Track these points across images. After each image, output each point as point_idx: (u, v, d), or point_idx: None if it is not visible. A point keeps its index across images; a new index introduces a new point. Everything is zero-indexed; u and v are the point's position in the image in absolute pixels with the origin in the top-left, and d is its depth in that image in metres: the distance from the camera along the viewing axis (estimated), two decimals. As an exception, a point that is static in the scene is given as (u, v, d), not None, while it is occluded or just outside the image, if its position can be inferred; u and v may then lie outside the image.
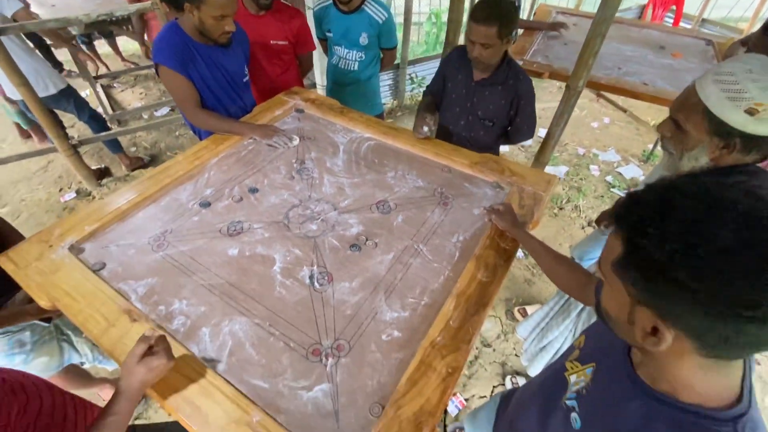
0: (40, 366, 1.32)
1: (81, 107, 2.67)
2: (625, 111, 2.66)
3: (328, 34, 2.08)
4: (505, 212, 1.18)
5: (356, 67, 2.12)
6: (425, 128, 1.53)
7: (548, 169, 3.21)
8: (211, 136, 1.58)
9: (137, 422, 1.78)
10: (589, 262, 1.82)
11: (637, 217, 0.47)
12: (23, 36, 2.34)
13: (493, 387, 1.92)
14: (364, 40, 2.00)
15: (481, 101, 1.59)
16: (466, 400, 1.86)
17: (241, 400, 0.85)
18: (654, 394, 0.53)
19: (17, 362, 1.27)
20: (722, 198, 0.43)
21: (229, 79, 1.63)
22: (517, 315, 2.18)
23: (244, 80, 1.73)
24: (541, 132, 3.62)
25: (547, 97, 4.23)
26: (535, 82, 2.07)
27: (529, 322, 2.07)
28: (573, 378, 0.70)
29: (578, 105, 3.97)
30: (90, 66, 3.25)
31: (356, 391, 0.88)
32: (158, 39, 1.48)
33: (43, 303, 1.02)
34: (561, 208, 2.91)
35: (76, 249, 1.15)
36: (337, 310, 1.03)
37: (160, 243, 1.18)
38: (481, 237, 1.22)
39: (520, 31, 2.69)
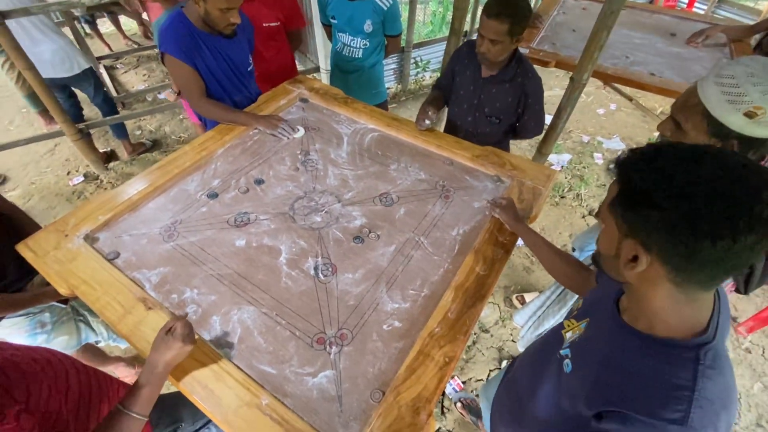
0: (61, 345, 1.39)
1: (98, 89, 2.73)
2: (631, 100, 2.64)
3: (332, 20, 2.07)
4: (508, 206, 1.21)
5: (360, 55, 2.11)
6: (427, 121, 1.55)
7: (551, 158, 3.21)
8: (217, 126, 1.60)
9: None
10: (590, 253, 1.86)
11: (632, 161, 0.57)
12: (50, 15, 2.37)
13: (490, 371, 1.99)
14: (368, 27, 1.99)
15: (488, 98, 1.58)
16: (464, 382, 1.94)
17: (251, 384, 0.91)
18: (633, 331, 0.63)
19: (39, 341, 1.35)
20: (705, 151, 0.53)
21: (233, 68, 1.64)
22: (515, 302, 2.24)
23: (249, 69, 1.73)
24: (547, 119, 3.60)
25: (553, 82, 4.17)
26: (540, 69, 2.06)
27: (525, 310, 2.13)
28: (569, 335, 0.79)
29: (585, 91, 3.94)
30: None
31: (358, 378, 0.94)
32: (164, 28, 1.49)
33: (63, 290, 1.07)
34: (562, 197, 2.93)
35: (90, 238, 1.19)
36: (340, 300, 1.08)
37: (171, 233, 1.22)
38: (480, 230, 1.26)
39: None
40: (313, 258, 1.18)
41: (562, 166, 3.18)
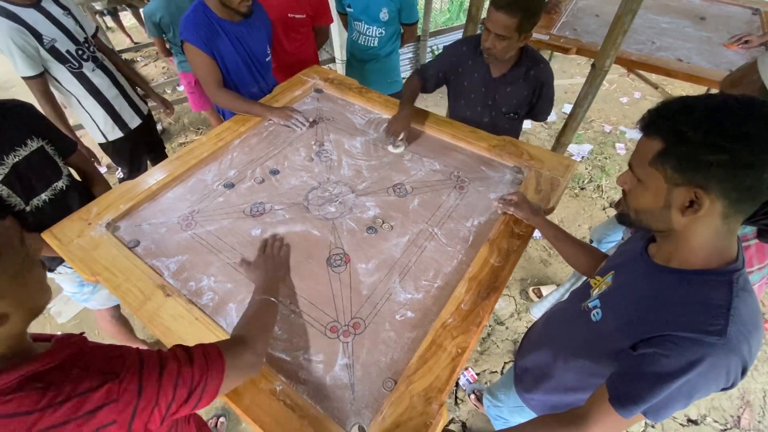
0: (102, 298, 1.53)
1: None
2: (656, 87, 2.53)
3: (348, 8, 2.05)
4: (521, 202, 1.19)
5: (376, 44, 2.09)
6: (399, 146, 1.45)
7: (571, 148, 3.13)
8: (234, 116, 1.62)
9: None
10: (608, 245, 1.81)
11: (671, 117, 0.61)
12: None
13: (504, 363, 1.98)
14: (384, 15, 1.96)
15: (505, 97, 1.53)
16: (478, 374, 1.94)
17: (266, 370, 0.92)
18: (667, 269, 0.69)
19: (86, 292, 1.48)
20: (728, 98, 0.59)
21: (252, 56, 1.66)
22: (532, 295, 2.21)
23: (267, 59, 1.75)
24: (566, 108, 3.51)
25: (574, 69, 4.05)
26: (561, 56, 1.98)
27: (543, 303, 2.10)
28: (596, 291, 0.84)
29: (607, 79, 3.81)
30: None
31: (371, 367, 0.95)
32: (185, 17, 1.52)
33: (86, 277, 1.11)
34: (582, 188, 2.86)
35: (112, 227, 1.23)
36: (353, 290, 1.09)
37: (189, 222, 1.25)
38: (495, 222, 1.24)
39: None
40: (326, 248, 1.18)
41: (583, 157, 3.10)
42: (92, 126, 1.85)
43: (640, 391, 0.65)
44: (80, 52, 1.67)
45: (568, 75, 3.99)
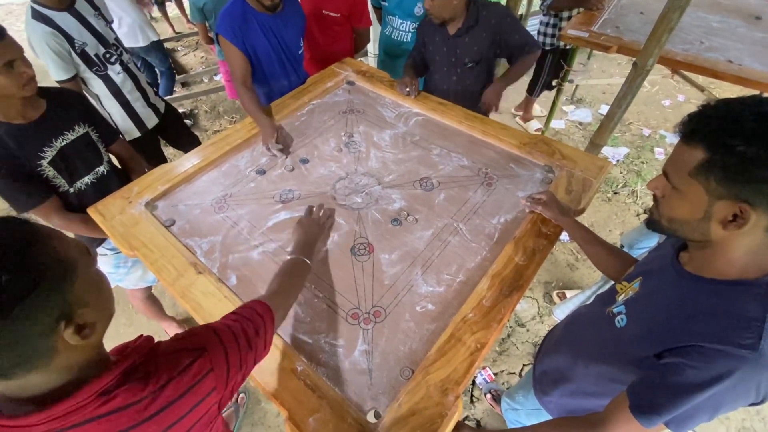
0: (135, 279, 1.60)
1: (165, 58, 3.12)
2: (703, 90, 2.40)
3: (383, 2, 2.05)
4: (549, 201, 1.17)
5: (409, 39, 2.08)
6: (407, 88, 1.63)
7: (607, 150, 3.03)
8: (268, 106, 1.67)
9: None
10: (639, 252, 1.75)
11: (716, 126, 0.57)
12: None
13: (523, 365, 1.95)
14: (419, 10, 1.95)
15: (465, 49, 1.66)
16: (495, 374, 1.92)
17: (288, 350, 0.95)
18: (699, 278, 0.66)
19: (121, 272, 1.56)
20: None
21: (285, 48, 1.69)
22: (556, 299, 2.17)
23: (299, 52, 1.78)
24: (603, 109, 3.39)
25: (614, 69, 3.90)
26: (601, 55, 1.91)
27: (567, 305, 2.06)
28: (621, 296, 0.81)
29: (649, 80, 3.65)
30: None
31: (389, 354, 0.96)
32: (222, 10, 1.58)
33: (125, 251, 1.18)
34: (616, 193, 2.77)
35: (150, 206, 1.30)
36: (376, 279, 1.10)
37: (221, 205, 1.30)
38: (522, 220, 1.22)
39: None
40: (351, 237, 1.20)
41: (618, 160, 2.99)
42: (113, 125, 1.91)
43: (664, 401, 0.63)
44: (108, 56, 1.70)
45: (607, 75, 3.85)
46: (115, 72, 1.75)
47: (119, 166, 1.52)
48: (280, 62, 1.72)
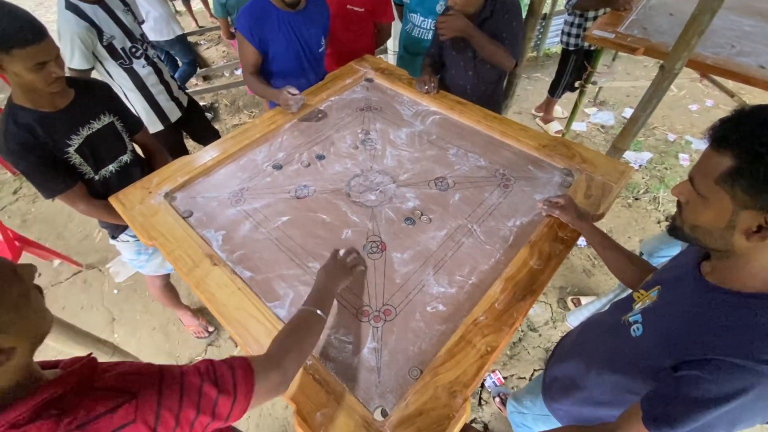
0: (154, 266, 1.65)
1: (188, 52, 3.19)
2: (732, 96, 2.32)
3: (405, 0, 2.04)
4: (567, 205, 1.14)
5: (429, 37, 2.06)
6: (425, 86, 1.63)
7: (629, 155, 2.95)
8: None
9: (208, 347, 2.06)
10: (659, 260, 1.70)
11: (747, 133, 0.56)
12: None
13: (534, 370, 1.93)
14: (441, 7, 1.94)
15: None
16: (505, 378, 1.90)
17: (298, 345, 0.96)
18: (722, 289, 0.64)
19: (142, 259, 1.60)
20: None
21: (304, 46, 1.71)
22: (570, 305, 2.13)
23: (320, 51, 1.79)
24: (627, 112, 3.30)
25: (639, 72, 3.80)
26: (626, 57, 1.85)
27: (581, 311, 2.02)
28: (638, 305, 0.79)
29: (676, 84, 3.53)
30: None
31: (398, 353, 0.96)
32: (244, 7, 1.60)
33: (144, 240, 1.21)
34: (637, 198, 2.70)
35: (169, 197, 1.32)
36: (387, 277, 1.10)
37: (238, 199, 1.32)
38: (539, 224, 1.20)
39: None
40: (364, 234, 1.20)
41: (641, 165, 2.91)
42: None
43: (679, 414, 0.61)
44: (134, 50, 1.74)
45: (632, 77, 3.75)
46: (140, 66, 1.79)
47: (142, 156, 1.56)
48: (298, 60, 1.74)
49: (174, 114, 2.00)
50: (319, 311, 0.88)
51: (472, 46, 1.65)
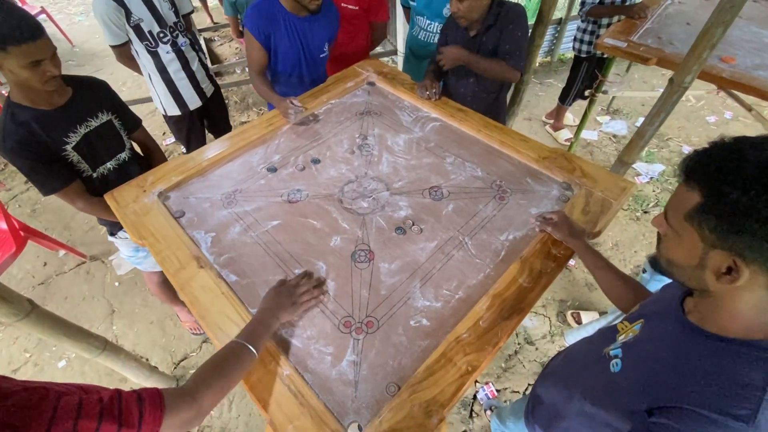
0: (152, 262, 1.66)
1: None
2: (750, 110, 2.23)
3: (411, 2, 2.02)
4: (560, 223, 1.11)
5: (435, 40, 2.04)
6: (426, 92, 1.61)
7: (640, 166, 2.88)
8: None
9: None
10: (664, 278, 1.65)
11: (714, 168, 0.53)
12: None
13: (528, 384, 1.89)
14: (447, 11, 1.90)
15: (482, 49, 1.64)
16: (498, 391, 1.87)
17: (277, 354, 0.95)
18: (701, 331, 0.60)
19: (140, 256, 1.62)
20: None
21: (305, 50, 1.70)
22: (570, 319, 2.08)
23: (321, 56, 1.78)
24: (640, 122, 3.21)
25: (656, 80, 3.70)
26: (642, 66, 1.79)
27: (580, 332, 1.97)
28: (621, 337, 0.76)
29: (694, 94, 3.43)
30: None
31: (377, 368, 0.94)
32: (252, 5, 1.61)
33: (135, 239, 1.21)
34: (645, 212, 2.62)
35: (163, 196, 1.33)
36: (372, 288, 1.08)
37: (230, 200, 1.31)
38: (532, 239, 1.17)
39: None
40: (353, 242, 1.19)
41: (652, 178, 2.83)
42: (156, 97, 2.00)
43: None
44: (161, 35, 1.79)
45: (648, 86, 3.65)
46: (165, 51, 1.83)
47: (141, 154, 1.57)
48: (298, 64, 1.74)
49: (194, 102, 2.04)
50: (250, 346, 0.85)
51: (476, 53, 1.63)
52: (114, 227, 1.53)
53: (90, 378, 1.97)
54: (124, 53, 1.81)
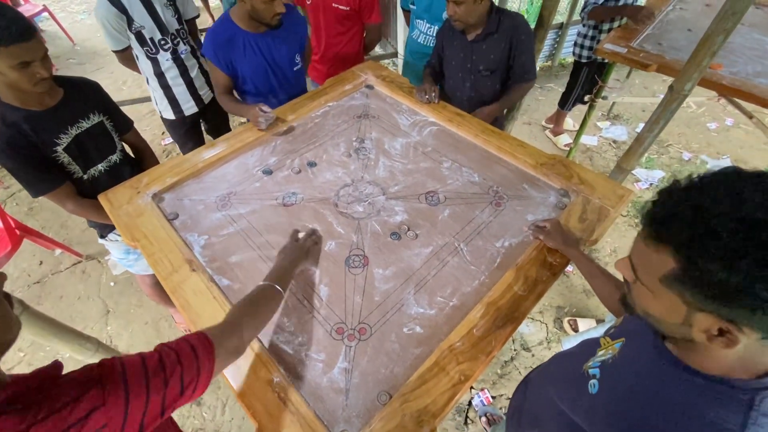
0: (144, 265, 1.64)
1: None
2: (751, 117, 2.22)
3: (411, 6, 2.01)
4: (553, 231, 1.10)
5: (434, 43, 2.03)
6: (426, 96, 1.60)
7: (640, 173, 2.86)
8: (284, 105, 1.66)
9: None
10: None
11: (686, 237, 0.46)
12: None
13: (524, 392, 1.87)
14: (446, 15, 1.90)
15: (481, 56, 1.64)
16: (494, 397, 1.85)
17: (267, 360, 0.94)
18: (679, 363, 0.56)
19: (131, 258, 1.61)
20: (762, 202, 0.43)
21: (274, 67, 1.65)
22: (567, 326, 2.07)
23: (295, 69, 1.73)
24: (641, 128, 3.20)
25: (657, 86, 3.68)
26: (643, 72, 1.78)
27: (576, 339, 1.95)
28: (601, 353, 0.73)
29: (695, 101, 3.42)
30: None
31: (369, 375, 0.93)
32: (208, 31, 1.57)
33: (127, 241, 1.20)
34: (644, 218, 2.61)
35: (157, 198, 1.32)
36: (366, 294, 1.07)
37: (225, 203, 1.30)
38: (528, 246, 1.16)
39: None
40: (347, 247, 1.18)
41: (651, 184, 2.82)
42: (153, 99, 1.99)
43: None
44: (162, 42, 1.75)
45: (649, 92, 3.64)
46: (165, 58, 1.81)
47: (132, 156, 1.56)
48: (267, 80, 1.68)
49: (190, 108, 2.01)
50: (277, 286, 0.93)
51: (473, 59, 1.62)
52: (104, 229, 1.51)
53: (83, 379, 1.96)
54: (125, 57, 1.79)
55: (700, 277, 0.46)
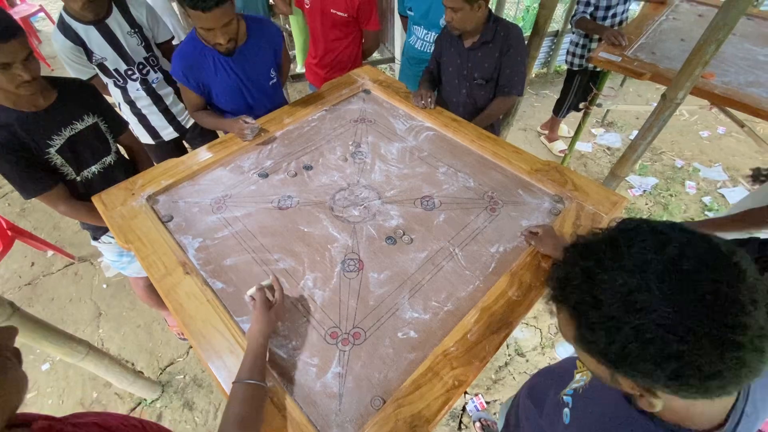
0: (137, 267, 1.63)
1: None
2: (742, 126, 2.25)
3: (409, 12, 2.03)
4: (545, 236, 1.10)
5: (431, 50, 2.04)
6: (422, 101, 1.61)
7: (633, 179, 2.89)
8: (281, 108, 1.66)
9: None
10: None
11: (575, 303, 0.47)
12: None
13: (518, 397, 1.87)
14: (444, 22, 1.91)
15: (477, 64, 1.66)
16: (488, 403, 1.85)
17: (260, 364, 0.93)
18: (637, 408, 0.54)
19: (124, 261, 1.59)
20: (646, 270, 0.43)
21: (247, 83, 1.55)
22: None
23: (271, 83, 1.63)
24: (634, 135, 3.24)
25: (651, 94, 3.73)
26: (637, 80, 1.79)
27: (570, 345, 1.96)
28: (578, 376, 0.72)
29: (688, 109, 3.47)
30: None
31: (363, 380, 0.93)
32: (176, 49, 1.48)
33: (121, 243, 1.19)
34: (638, 225, 2.63)
35: (152, 199, 1.31)
36: (361, 298, 1.07)
37: (220, 206, 1.30)
38: (522, 251, 1.16)
39: None
40: (342, 251, 1.18)
41: (645, 191, 2.85)
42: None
43: None
44: (129, 72, 1.65)
45: (643, 100, 3.69)
46: (134, 88, 1.71)
47: (127, 157, 1.55)
48: (241, 98, 1.59)
49: (169, 135, 1.90)
50: (257, 382, 0.82)
51: (469, 66, 1.64)
52: (97, 231, 1.50)
53: (73, 382, 1.93)
54: (97, 83, 1.63)
55: (592, 342, 0.45)
